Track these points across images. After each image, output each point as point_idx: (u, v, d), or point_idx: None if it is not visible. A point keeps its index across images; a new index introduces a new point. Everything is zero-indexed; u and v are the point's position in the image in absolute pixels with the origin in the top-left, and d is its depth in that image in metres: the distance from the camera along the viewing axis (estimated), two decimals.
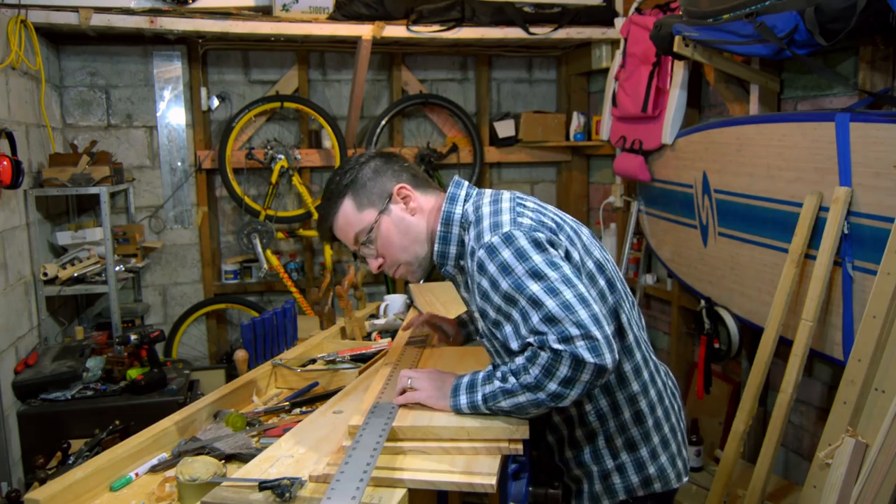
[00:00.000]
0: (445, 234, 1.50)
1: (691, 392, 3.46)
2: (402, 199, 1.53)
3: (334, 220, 1.54)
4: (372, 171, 1.53)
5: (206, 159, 4.14)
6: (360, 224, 1.52)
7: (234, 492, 1.26)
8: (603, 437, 1.52)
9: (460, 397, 1.40)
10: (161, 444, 1.62)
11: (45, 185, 3.22)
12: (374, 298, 4.11)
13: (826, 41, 2.12)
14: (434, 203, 1.55)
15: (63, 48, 3.93)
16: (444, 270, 1.55)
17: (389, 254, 1.54)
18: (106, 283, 3.29)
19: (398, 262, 1.55)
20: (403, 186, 1.52)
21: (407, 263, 1.56)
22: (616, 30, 3.73)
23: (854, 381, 2.02)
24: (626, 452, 1.53)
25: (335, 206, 1.53)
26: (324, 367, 2.08)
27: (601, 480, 1.54)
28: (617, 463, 1.53)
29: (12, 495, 2.06)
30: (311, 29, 3.71)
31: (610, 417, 1.51)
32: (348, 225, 1.53)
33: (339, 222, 1.54)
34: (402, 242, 1.53)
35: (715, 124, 2.94)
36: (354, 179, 1.52)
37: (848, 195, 2.21)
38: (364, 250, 1.56)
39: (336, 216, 1.54)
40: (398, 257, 1.54)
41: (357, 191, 1.52)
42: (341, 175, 1.54)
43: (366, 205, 1.52)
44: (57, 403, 2.67)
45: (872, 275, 2.08)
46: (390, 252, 1.54)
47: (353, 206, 1.52)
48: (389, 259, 1.55)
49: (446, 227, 1.50)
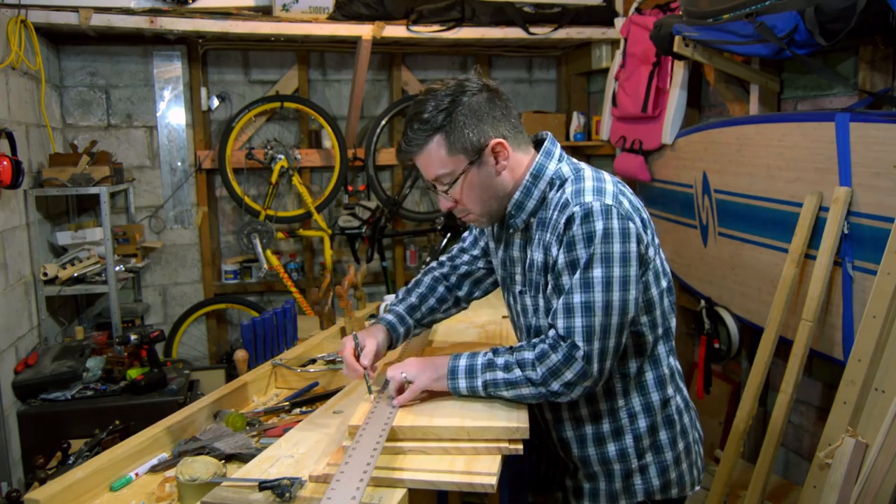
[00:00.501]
0: (530, 187, 1.47)
1: (691, 392, 3.46)
2: (496, 154, 1.45)
3: (418, 154, 1.45)
4: (471, 112, 1.41)
5: (206, 159, 4.14)
6: (446, 168, 1.44)
7: (234, 492, 1.26)
8: (632, 436, 1.52)
9: (459, 381, 1.44)
10: (161, 444, 1.62)
11: (45, 185, 3.22)
12: (374, 298, 4.12)
13: (826, 41, 2.12)
14: (524, 161, 1.49)
15: (63, 48, 3.93)
16: (513, 222, 1.51)
17: (466, 202, 1.49)
18: (106, 283, 3.29)
19: (471, 210, 1.51)
20: (500, 143, 1.43)
21: (480, 214, 1.52)
22: (616, 30, 3.73)
23: (854, 381, 2.02)
24: (652, 454, 1.53)
25: (423, 140, 1.42)
26: (324, 367, 2.08)
27: (622, 479, 1.53)
28: (641, 463, 1.52)
29: (12, 495, 2.06)
30: (311, 29, 3.71)
31: (642, 417, 1.52)
32: (432, 164, 1.45)
33: (424, 158, 1.45)
34: (482, 196, 1.48)
35: (715, 124, 2.94)
36: (452, 119, 1.40)
37: (848, 195, 2.21)
38: (440, 188, 1.49)
39: (422, 151, 1.44)
40: (473, 207, 1.50)
41: (451, 132, 1.41)
42: (434, 106, 1.41)
43: (457, 150, 1.42)
44: (57, 403, 2.67)
45: (872, 275, 2.08)
46: (467, 201, 1.49)
47: (443, 148, 1.42)
48: (463, 206, 1.50)
49: (534, 180, 1.47)
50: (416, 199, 4.62)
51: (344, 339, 1.62)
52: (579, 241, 1.36)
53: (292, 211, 4.31)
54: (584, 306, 1.34)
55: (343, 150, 4.19)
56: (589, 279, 1.35)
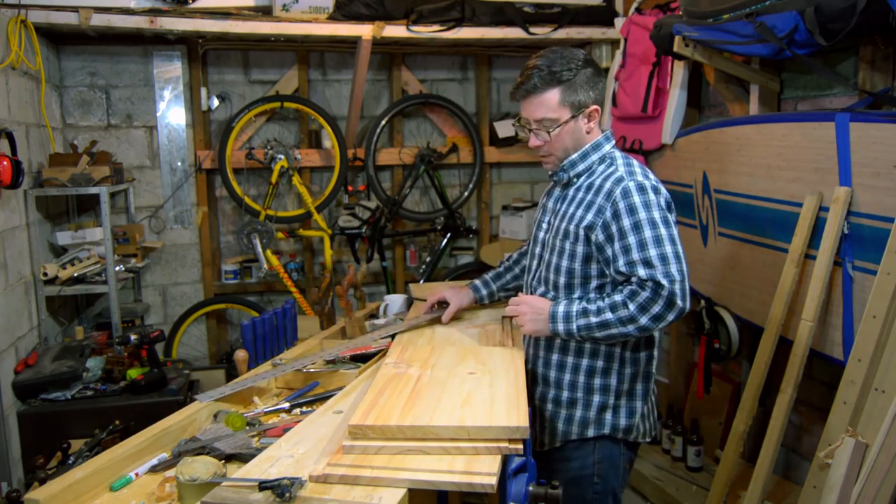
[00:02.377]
0: (587, 154, 1.83)
1: (691, 392, 3.46)
2: (589, 117, 1.81)
3: (535, 96, 1.77)
4: (587, 79, 1.77)
5: (206, 159, 4.14)
6: (553, 114, 1.77)
7: (234, 492, 1.26)
8: (616, 377, 1.83)
9: (558, 324, 1.75)
10: (161, 444, 1.62)
11: (45, 185, 3.22)
12: (374, 298, 4.12)
13: (826, 41, 2.12)
14: (594, 133, 1.85)
15: (63, 48, 3.93)
16: (560, 174, 1.86)
17: (552, 146, 1.82)
18: (106, 283, 3.29)
19: (553, 153, 1.83)
20: (597, 109, 1.81)
21: (557, 159, 1.85)
22: (616, 30, 3.72)
23: (854, 381, 2.02)
24: (626, 398, 1.85)
25: (544, 87, 1.76)
26: (324, 367, 2.08)
27: (597, 411, 1.84)
28: (616, 403, 1.84)
29: (12, 495, 2.06)
30: (311, 29, 3.71)
31: (629, 364, 1.84)
32: (542, 107, 1.77)
33: (537, 100, 1.77)
34: (566, 145, 1.81)
35: (715, 124, 2.94)
36: (573, 79, 1.75)
37: (848, 195, 2.21)
38: (535, 127, 1.81)
39: (539, 95, 1.77)
40: (555, 152, 1.83)
41: (568, 87, 1.76)
42: (565, 63, 1.75)
43: (566, 104, 1.77)
44: (57, 403, 2.67)
45: (872, 275, 2.08)
46: (554, 146, 1.81)
47: (558, 98, 1.76)
48: (548, 148, 1.83)
49: (593, 150, 1.83)
50: (416, 199, 4.62)
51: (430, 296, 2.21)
52: (640, 207, 1.70)
53: (292, 211, 4.31)
54: (654, 239, 1.67)
55: (343, 150, 4.19)
56: (653, 220, 1.68)
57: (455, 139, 4.56)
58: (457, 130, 4.59)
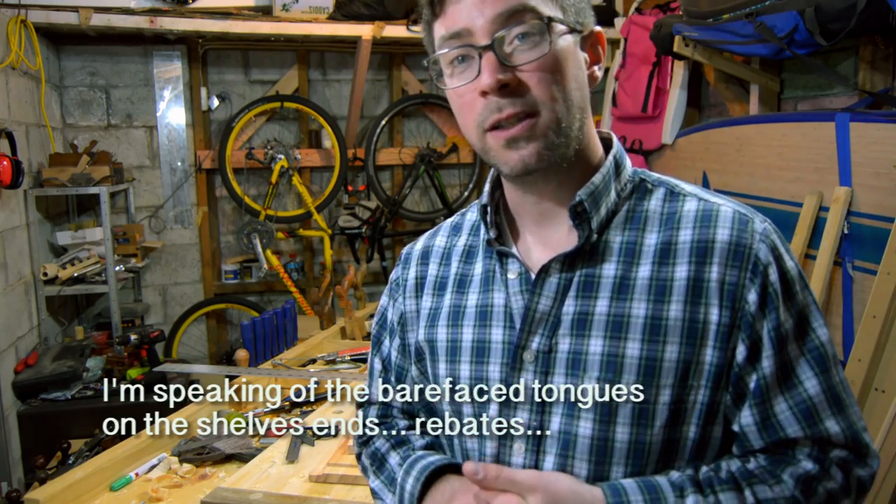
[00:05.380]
0: (610, 177, 0.88)
1: None
2: (595, 48, 0.91)
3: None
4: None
5: (206, 159, 4.14)
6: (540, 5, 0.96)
7: (235, 492, 1.26)
8: None
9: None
10: (161, 444, 1.62)
11: (45, 185, 3.22)
12: (374, 298, 4.12)
13: (826, 41, 2.12)
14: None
15: (63, 48, 3.92)
16: (585, 223, 0.85)
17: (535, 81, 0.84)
18: (106, 283, 3.29)
19: (535, 109, 0.80)
20: (601, 37, 0.90)
21: (545, 128, 0.91)
22: (616, 30, 3.72)
23: (854, 381, 2.02)
24: None
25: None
26: (324, 367, 2.08)
27: None
28: None
29: (12, 495, 2.06)
30: (311, 29, 3.71)
31: None
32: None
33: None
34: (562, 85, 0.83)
35: (715, 124, 2.94)
36: None
37: (848, 195, 2.21)
38: (508, 45, 0.88)
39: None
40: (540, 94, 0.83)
41: None
42: None
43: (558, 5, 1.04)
44: (57, 403, 2.67)
45: (872, 275, 2.07)
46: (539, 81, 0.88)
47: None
48: (523, 87, 0.82)
49: (616, 168, 0.89)
50: (416, 198, 4.62)
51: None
52: (796, 282, 0.82)
53: (292, 211, 4.31)
54: (841, 386, 0.83)
55: (343, 150, 4.19)
56: (824, 342, 0.82)
57: (455, 139, 4.56)
58: (457, 130, 4.59)
